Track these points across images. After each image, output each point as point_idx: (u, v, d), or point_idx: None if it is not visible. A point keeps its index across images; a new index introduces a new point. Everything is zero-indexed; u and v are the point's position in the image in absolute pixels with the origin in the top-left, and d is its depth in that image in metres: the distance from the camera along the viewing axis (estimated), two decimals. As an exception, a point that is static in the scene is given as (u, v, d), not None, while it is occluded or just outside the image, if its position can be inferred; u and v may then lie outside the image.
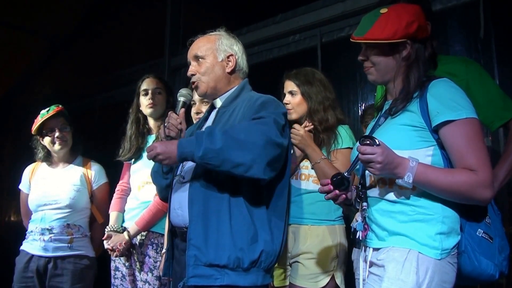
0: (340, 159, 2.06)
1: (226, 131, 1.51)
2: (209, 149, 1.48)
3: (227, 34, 1.88)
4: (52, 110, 2.68)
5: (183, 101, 1.81)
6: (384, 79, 1.53)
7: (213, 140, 1.49)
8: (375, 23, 1.45)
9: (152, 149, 1.58)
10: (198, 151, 1.49)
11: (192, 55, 1.83)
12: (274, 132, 1.56)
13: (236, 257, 1.55)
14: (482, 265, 1.39)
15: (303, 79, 2.16)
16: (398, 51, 1.47)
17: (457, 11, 2.76)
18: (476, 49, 2.68)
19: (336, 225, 2.09)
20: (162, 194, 1.96)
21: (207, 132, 1.52)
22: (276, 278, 2.17)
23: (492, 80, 2.00)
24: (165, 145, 1.57)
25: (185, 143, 1.54)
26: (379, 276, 1.38)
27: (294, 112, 2.17)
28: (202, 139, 1.50)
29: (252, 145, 1.49)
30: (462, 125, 1.34)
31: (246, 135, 1.50)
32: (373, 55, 1.50)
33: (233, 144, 1.49)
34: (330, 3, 3.20)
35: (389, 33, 1.42)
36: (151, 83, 2.59)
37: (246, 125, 1.56)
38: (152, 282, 2.40)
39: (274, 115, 1.61)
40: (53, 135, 2.68)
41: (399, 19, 1.43)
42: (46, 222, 2.63)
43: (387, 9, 1.47)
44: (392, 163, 1.33)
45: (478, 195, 1.32)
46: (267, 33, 3.59)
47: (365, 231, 1.47)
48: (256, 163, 1.50)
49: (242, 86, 1.84)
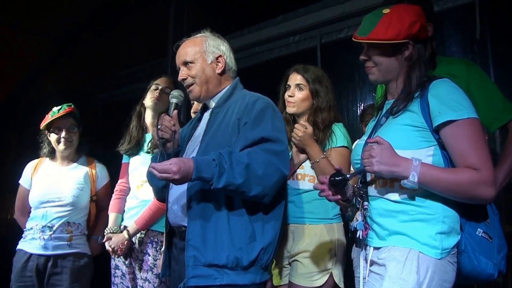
0: (334, 158, 2.06)
1: (248, 166, 1.53)
2: (230, 183, 1.51)
3: (212, 35, 1.86)
4: (63, 110, 2.68)
5: (175, 102, 1.80)
6: (385, 79, 1.54)
7: (235, 174, 1.51)
8: (378, 23, 1.45)
9: (169, 172, 1.50)
10: (218, 182, 1.50)
11: (181, 61, 1.81)
12: (286, 165, 1.63)
13: (235, 257, 1.56)
14: (482, 265, 1.39)
15: (314, 76, 2.16)
16: (400, 51, 1.46)
17: (453, 13, 2.79)
18: (472, 50, 2.71)
19: (334, 223, 2.09)
20: (158, 195, 1.95)
21: (229, 162, 1.52)
22: (274, 277, 2.18)
23: (492, 82, 2.02)
24: (182, 168, 1.49)
25: (202, 168, 1.51)
26: (380, 275, 1.38)
27: (296, 107, 2.15)
28: (224, 169, 1.51)
29: (268, 181, 1.56)
30: (463, 125, 1.34)
31: (264, 171, 1.55)
32: (375, 55, 1.49)
33: (253, 179, 1.53)
34: (329, 5, 3.24)
35: (393, 34, 1.42)
36: (164, 81, 2.61)
37: (265, 157, 1.57)
38: (152, 280, 2.40)
39: (283, 135, 1.67)
40: (59, 135, 2.68)
41: (402, 20, 1.43)
42: (47, 219, 2.60)
43: (389, 9, 1.48)
44: (389, 159, 1.35)
45: (481, 194, 1.31)
46: (267, 34, 3.63)
47: (365, 230, 1.47)
48: (268, 195, 1.59)
49: (234, 86, 1.83)
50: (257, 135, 1.61)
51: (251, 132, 1.62)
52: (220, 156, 1.53)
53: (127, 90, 4.72)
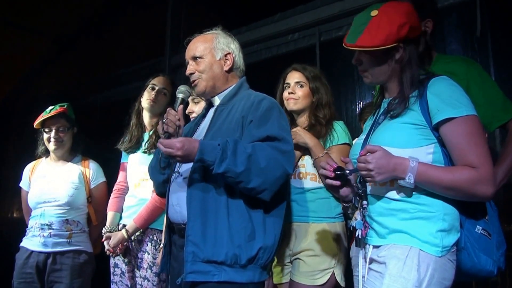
0: (336, 155, 2.06)
1: (251, 156, 1.54)
2: (230, 169, 1.52)
3: (223, 33, 1.89)
4: (54, 110, 2.70)
5: (182, 97, 1.81)
6: (379, 81, 1.54)
7: (236, 161, 1.52)
8: (366, 28, 1.43)
9: (173, 148, 1.56)
10: (219, 167, 1.52)
11: (190, 56, 1.84)
12: (290, 164, 1.63)
13: (233, 254, 1.57)
14: (481, 262, 1.40)
15: (313, 74, 2.19)
16: (390, 55, 1.46)
17: (454, 10, 2.77)
18: (472, 48, 2.69)
19: (337, 222, 2.10)
20: (158, 189, 1.96)
21: (232, 149, 1.53)
22: (275, 275, 2.18)
23: (493, 81, 2.00)
24: (186, 146, 1.55)
25: (206, 151, 1.54)
26: (380, 273, 1.39)
27: (298, 103, 2.17)
28: (226, 155, 1.52)
29: (270, 175, 1.56)
30: (462, 122, 1.34)
31: (267, 164, 1.55)
32: (366, 60, 1.50)
33: (254, 170, 1.53)
34: (328, 2, 3.22)
35: (381, 40, 1.40)
36: (161, 82, 2.60)
37: (270, 152, 1.58)
38: (151, 278, 2.41)
39: (288, 135, 1.67)
40: (50, 134, 2.71)
41: (390, 23, 1.41)
42: (45, 217, 2.64)
43: (377, 11, 1.45)
44: (387, 166, 1.34)
45: (479, 192, 1.32)
46: (266, 32, 3.61)
47: (365, 229, 1.47)
48: (267, 190, 1.58)
49: (240, 85, 1.85)
50: (262, 133, 1.62)
51: (257, 131, 1.63)
52: (226, 143, 1.56)
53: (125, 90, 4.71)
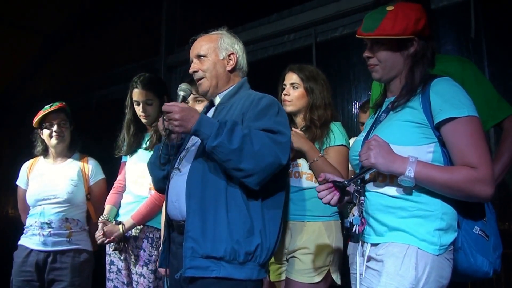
0: (333, 156, 2.08)
1: (245, 136, 1.56)
2: (223, 145, 1.54)
3: (228, 33, 1.91)
4: (54, 106, 2.75)
5: (183, 95, 1.82)
6: (389, 76, 1.53)
7: (231, 139, 1.54)
8: (384, 19, 1.45)
9: (172, 111, 1.60)
10: (213, 140, 1.55)
11: (194, 54, 1.86)
12: (285, 156, 1.63)
13: (232, 249, 1.57)
14: (478, 262, 1.40)
15: (308, 74, 2.19)
16: (406, 48, 1.47)
17: (448, 11, 2.79)
18: (467, 49, 2.72)
19: (332, 221, 2.11)
20: (157, 185, 1.97)
21: (230, 127, 1.56)
22: (272, 273, 2.20)
23: (487, 80, 2.02)
24: (186, 112, 1.60)
25: (205, 123, 1.58)
26: (377, 271, 1.39)
27: (292, 105, 2.18)
28: (222, 131, 1.55)
29: (261, 160, 1.56)
30: (464, 122, 1.35)
31: (260, 148, 1.56)
32: (380, 51, 1.49)
33: (247, 151, 1.54)
34: (324, 3, 3.22)
35: (400, 29, 1.42)
36: (140, 96, 2.52)
37: (265, 138, 1.59)
38: (147, 275, 2.41)
39: (285, 129, 1.67)
40: (51, 129, 2.73)
41: (408, 16, 1.44)
42: (45, 216, 2.66)
43: (393, 7, 1.47)
44: (388, 155, 1.36)
45: (478, 192, 1.32)
46: (262, 32, 3.62)
47: (362, 225, 1.47)
48: (255, 175, 1.57)
49: (241, 84, 1.87)
50: (259, 126, 1.63)
51: (254, 124, 1.65)
52: (225, 121, 1.59)
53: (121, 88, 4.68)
